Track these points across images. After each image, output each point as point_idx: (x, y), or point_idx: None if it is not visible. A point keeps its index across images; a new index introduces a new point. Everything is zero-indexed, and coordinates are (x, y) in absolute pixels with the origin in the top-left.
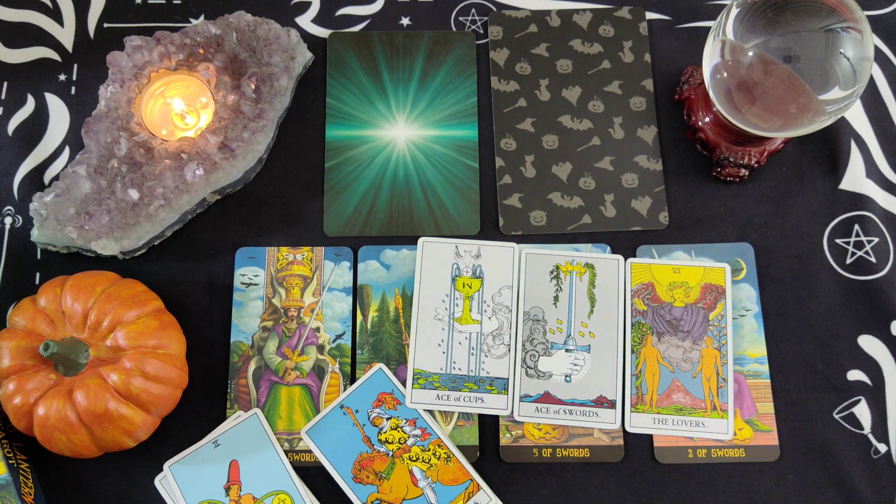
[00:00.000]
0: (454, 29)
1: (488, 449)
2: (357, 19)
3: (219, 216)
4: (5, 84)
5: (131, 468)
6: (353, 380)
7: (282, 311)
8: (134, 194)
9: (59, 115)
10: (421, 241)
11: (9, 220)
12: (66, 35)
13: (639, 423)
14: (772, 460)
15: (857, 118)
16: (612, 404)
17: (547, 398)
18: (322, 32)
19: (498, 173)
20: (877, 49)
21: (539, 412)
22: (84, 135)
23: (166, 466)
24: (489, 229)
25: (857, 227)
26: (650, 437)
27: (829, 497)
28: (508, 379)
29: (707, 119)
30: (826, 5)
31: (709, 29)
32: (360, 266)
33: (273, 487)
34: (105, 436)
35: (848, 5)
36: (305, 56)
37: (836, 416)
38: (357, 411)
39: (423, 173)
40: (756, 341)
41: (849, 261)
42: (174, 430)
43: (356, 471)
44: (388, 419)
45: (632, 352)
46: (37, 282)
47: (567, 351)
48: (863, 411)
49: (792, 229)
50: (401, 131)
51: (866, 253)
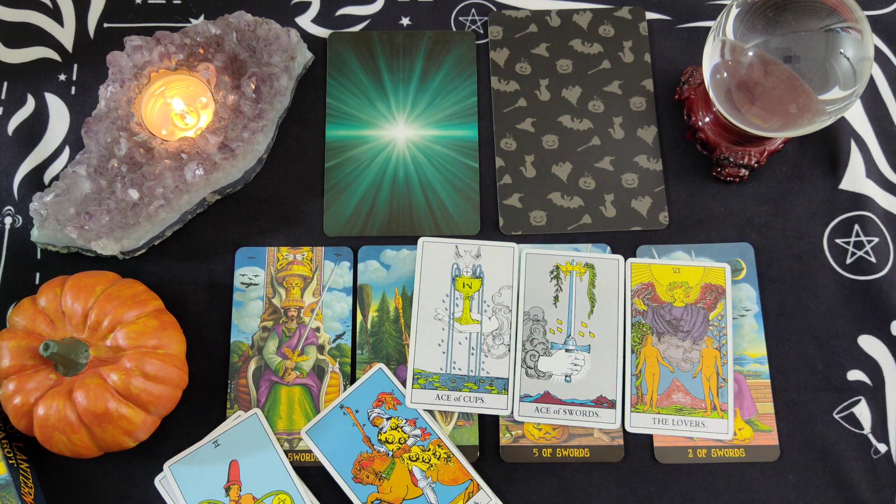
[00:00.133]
0: (454, 29)
1: (488, 449)
2: (357, 19)
3: (219, 216)
4: (5, 84)
5: (131, 468)
6: (353, 380)
7: (282, 311)
8: (134, 194)
9: (59, 115)
10: (421, 241)
11: (9, 220)
12: (66, 35)
13: (639, 423)
14: (772, 460)
15: (857, 118)
16: (612, 404)
17: (547, 398)
18: (322, 32)
19: (498, 173)
20: (877, 49)
21: (539, 412)
22: (84, 135)
23: (166, 466)
24: (489, 229)
25: (857, 227)
26: (650, 437)
27: (829, 497)
28: (508, 379)
29: (707, 119)
30: (826, 5)
31: (709, 29)
32: (360, 266)
33: (273, 487)
34: (105, 436)
35: (848, 5)
36: (305, 56)
37: (836, 416)
38: (357, 411)
39: (423, 173)
40: (756, 341)
41: (849, 261)
42: (174, 430)
43: (356, 471)
44: (388, 419)
45: (632, 352)
46: (37, 282)
47: (567, 351)
48: (863, 411)
49: (792, 229)
50: (401, 131)
51: (866, 253)
